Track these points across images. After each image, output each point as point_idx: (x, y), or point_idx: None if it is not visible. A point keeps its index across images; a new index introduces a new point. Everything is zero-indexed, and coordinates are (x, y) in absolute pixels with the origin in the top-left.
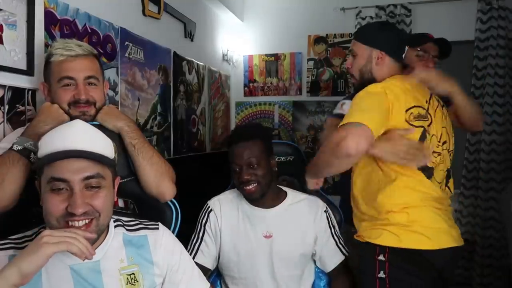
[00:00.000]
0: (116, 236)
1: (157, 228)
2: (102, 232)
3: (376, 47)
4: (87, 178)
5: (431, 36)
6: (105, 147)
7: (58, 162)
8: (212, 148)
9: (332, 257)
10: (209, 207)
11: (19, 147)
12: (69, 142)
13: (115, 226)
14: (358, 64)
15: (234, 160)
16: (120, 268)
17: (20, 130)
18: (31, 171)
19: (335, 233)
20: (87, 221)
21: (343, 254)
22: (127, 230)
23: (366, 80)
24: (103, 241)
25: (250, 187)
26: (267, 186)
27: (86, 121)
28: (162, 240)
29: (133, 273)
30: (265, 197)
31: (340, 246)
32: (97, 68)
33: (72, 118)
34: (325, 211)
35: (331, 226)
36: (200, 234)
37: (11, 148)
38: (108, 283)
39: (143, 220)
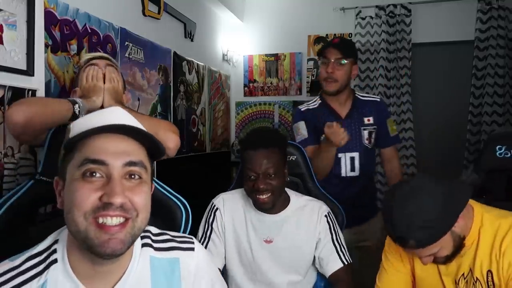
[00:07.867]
0: (142, 260)
1: (192, 249)
2: (134, 240)
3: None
4: (130, 164)
5: None
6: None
7: (96, 140)
8: (212, 148)
9: (330, 263)
10: (214, 205)
11: (70, 98)
12: (111, 118)
13: (142, 245)
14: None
15: (252, 167)
16: None
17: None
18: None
19: (336, 239)
20: (122, 219)
21: (343, 262)
22: (156, 249)
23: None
24: (126, 268)
25: (264, 196)
26: (279, 196)
27: None
28: (198, 265)
29: None
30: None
31: (340, 253)
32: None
33: None
34: (325, 216)
35: (332, 231)
36: (208, 233)
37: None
38: None
39: (174, 234)
